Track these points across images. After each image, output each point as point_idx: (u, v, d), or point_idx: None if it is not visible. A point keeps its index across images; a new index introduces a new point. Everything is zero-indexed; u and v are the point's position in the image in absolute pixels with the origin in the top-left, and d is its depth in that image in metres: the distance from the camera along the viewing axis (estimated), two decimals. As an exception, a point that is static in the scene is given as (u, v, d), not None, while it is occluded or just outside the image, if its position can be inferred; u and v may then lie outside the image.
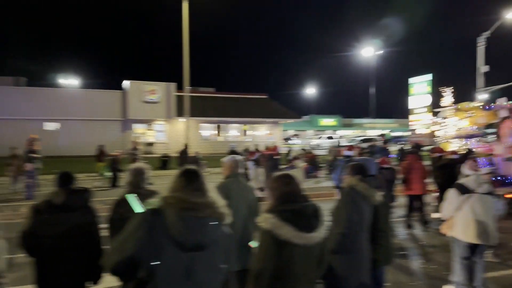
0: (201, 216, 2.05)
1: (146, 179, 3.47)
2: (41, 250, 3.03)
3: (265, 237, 2.38)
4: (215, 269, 2.11)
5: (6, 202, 10.80)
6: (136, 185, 3.36)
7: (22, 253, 3.15)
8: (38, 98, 29.52)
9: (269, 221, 2.36)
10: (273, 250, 2.34)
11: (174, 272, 1.98)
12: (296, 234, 2.33)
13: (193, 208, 2.03)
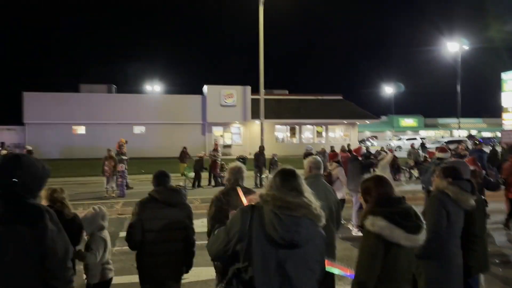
0: (296, 215, 2.09)
1: (244, 177, 3.70)
2: (144, 243, 3.34)
3: (372, 241, 2.34)
4: (308, 268, 2.14)
5: (102, 199, 11.88)
6: (235, 182, 3.59)
7: (127, 245, 3.50)
8: (127, 104, 32.10)
9: (378, 224, 2.31)
10: (380, 254, 2.30)
11: (266, 267, 2.05)
12: (406, 236, 2.29)
13: (288, 207, 2.08)
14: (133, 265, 6.00)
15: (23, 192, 2.16)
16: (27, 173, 2.18)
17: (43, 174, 2.27)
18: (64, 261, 2.20)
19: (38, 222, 2.09)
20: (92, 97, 31.79)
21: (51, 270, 2.15)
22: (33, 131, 30.14)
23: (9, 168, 2.16)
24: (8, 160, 2.22)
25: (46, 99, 30.83)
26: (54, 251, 2.15)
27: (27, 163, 2.20)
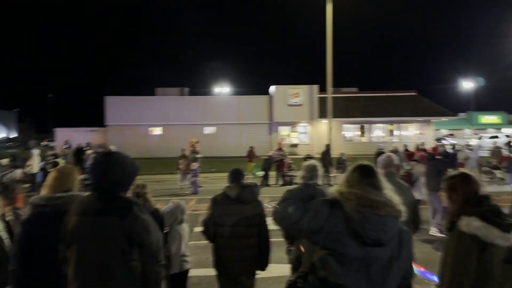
0: (381, 214, 2.06)
1: (319, 175, 3.72)
2: (219, 237, 3.51)
3: (466, 242, 2.23)
4: (392, 267, 2.09)
5: (177, 196, 12.51)
6: (310, 180, 3.63)
7: (202, 239, 3.70)
8: (198, 105, 33.42)
9: (473, 224, 2.21)
10: (475, 257, 2.21)
11: (347, 264, 2.02)
12: (502, 235, 2.18)
13: (374, 206, 2.05)
14: (207, 259, 6.32)
15: (114, 186, 2.34)
16: (117, 169, 2.35)
17: (132, 170, 2.44)
18: (157, 251, 2.33)
19: (128, 214, 2.24)
20: (166, 100, 33.53)
21: (144, 259, 2.29)
22: (114, 132, 32.53)
23: (102, 165, 2.37)
24: (101, 157, 2.43)
25: (125, 103, 33.14)
26: (147, 241, 2.29)
27: (117, 160, 2.38)
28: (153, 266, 2.31)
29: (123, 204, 2.29)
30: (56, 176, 2.80)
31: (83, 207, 2.33)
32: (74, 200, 2.61)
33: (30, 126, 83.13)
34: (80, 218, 2.29)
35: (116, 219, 2.22)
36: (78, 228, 2.29)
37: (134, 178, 2.50)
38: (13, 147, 49.28)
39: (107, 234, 2.23)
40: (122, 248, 2.23)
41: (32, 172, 14.49)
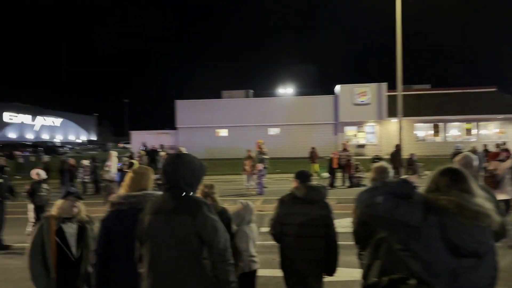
0: (482, 225, 1.91)
1: (389, 177, 3.57)
2: (285, 236, 3.50)
3: None
4: (487, 279, 1.95)
5: (243, 196, 12.71)
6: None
7: (268, 239, 3.71)
8: (262, 107, 33.78)
9: None
10: None
11: (439, 273, 1.90)
12: None
13: (475, 217, 1.90)
14: (274, 260, 6.33)
15: (184, 186, 2.44)
16: (187, 169, 2.45)
17: (200, 170, 2.54)
18: (225, 250, 2.38)
19: (198, 213, 2.32)
20: (232, 102, 34.35)
21: (213, 258, 2.36)
22: (184, 134, 33.99)
23: (173, 165, 2.47)
24: (172, 159, 2.54)
25: (194, 106, 34.51)
26: (216, 240, 2.35)
27: (187, 160, 2.49)
28: (222, 265, 2.35)
29: (193, 203, 2.37)
30: (132, 176, 2.98)
31: (156, 206, 2.44)
32: (148, 198, 2.75)
33: (108, 129, 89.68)
34: (154, 216, 2.40)
35: (187, 217, 2.31)
36: (151, 226, 2.39)
37: (202, 178, 2.59)
38: (93, 149, 53.45)
39: (180, 232, 2.31)
40: (193, 246, 2.31)
41: (111, 172, 15.58)
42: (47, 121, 72.93)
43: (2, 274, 6.18)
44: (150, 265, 2.36)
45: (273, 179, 17.94)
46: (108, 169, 15.57)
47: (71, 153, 41.57)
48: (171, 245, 2.31)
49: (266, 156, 14.30)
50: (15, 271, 6.29)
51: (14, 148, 36.23)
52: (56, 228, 3.38)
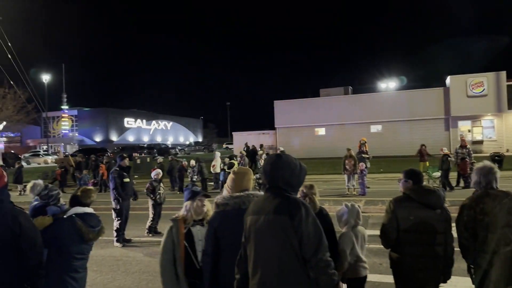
0: None
1: (497, 178, 3.14)
2: (400, 242, 3.21)
3: None
4: None
5: (344, 197, 12.33)
6: (487, 186, 3.07)
7: (379, 243, 3.45)
8: (363, 104, 32.53)
9: None
10: None
11: None
12: None
13: None
14: (381, 264, 5.98)
15: (284, 186, 2.43)
16: (286, 169, 2.45)
17: (300, 171, 2.51)
18: (318, 249, 2.30)
19: (296, 215, 2.30)
20: (330, 100, 33.71)
21: (306, 257, 2.30)
22: (282, 134, 34.38)
23: (273, 166, 2.47)
24: (272, 159, 2.53)
25: (292, 106, 34.70)
26: (309, 240, 2.30)
27: (286, 161, 2.48)
28: (323, 269, 2.29)
29: (292, 204, 2.34)
30: (233, 177, 3.02)
31: (257, 206, 2.46)
32: (250, 199, 2.79)
33: (213, 131, 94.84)
34: (255, 216, 2.43)
35: (286, 218, 2.30)
36: (253, 226, 2.42)
37: (303, 179, 2.56)
38: (199, 150, 57.03)
39: (279, 232, 2.31)
40: (294, 247, 2.29)
41: (216, 171, 16.41)
42: (160, 125, 79.96)
43: (122, 266, 6.82)
44: (255, 264, 2.39)
45: (376, 179, 17.12)
46: (213, 169, 16.44)
47: (181, 154, 44.86)
48: (272, 245, 2.33)
49: (366, 155, 13.70)
50: (134, 263, 6.91)
51: (133, 150, 40.39)
52: (185, 231, 3.19)
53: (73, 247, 3.31)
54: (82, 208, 3.48)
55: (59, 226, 3.30)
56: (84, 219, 3.40)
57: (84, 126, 65.58)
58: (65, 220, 3.37)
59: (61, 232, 3.27)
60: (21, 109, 31.61)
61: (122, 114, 70.26)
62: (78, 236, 3.31)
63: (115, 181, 8.18)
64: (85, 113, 67.25)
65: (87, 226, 3.37)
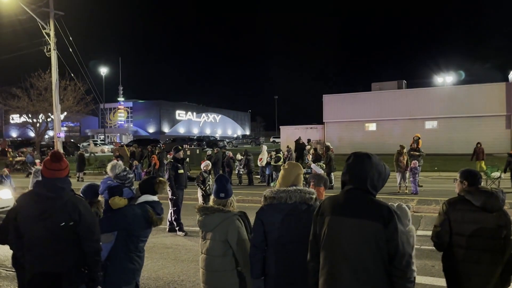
0: None
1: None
2: (454, 248, 3.07)
3: None
4: None
5: (395, 195, 11.92)
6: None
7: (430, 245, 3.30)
8: (417, 99, 31.19)
9: None
10: None
11: None
12: None
13: None
14: (433, 267, 5.76)
15: (370, 188, 2.35)
16: (375, 171, 2.37)
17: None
18: (408, 265, 2.25)
19: (390, 222, 2.22)
20: (382, 95, 32.65)
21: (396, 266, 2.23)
22: (331, 128, 33.83)
23: (362, 166, 2.39)
24: (360, 159, 2.44)
25: (341, 100, 34.00)
26: (400, 253, 2.22)
27: (376, 163, 2.40)
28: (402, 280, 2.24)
29: (386, 211, 2.26)
30: (282, 172, 3.06)
31: (340, 207, 2.37)
32: (298, 194, 2.82)
33: (260, 124, 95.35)
34: (339, 217, 2.34)
35: (381, 225, 2.22)
36: (336, 227, 2.34)
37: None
38: (246, 143, 57.52)
39: (370, 238, 2.23)
40: (382, 254, 2.22)
41: (262, 165, 16.51)
42: (209, 117, 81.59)
43: (172, 254, 7.06)
44: (333, 267, 2.31)
45: (429, 178, 16.43)
46: (260, 163, 16.56)
47: (228, 146, 45.53)
48: (358, 250, 2.24)
49: (418, 153, 13.13)
50: (183, 252, 7.13)
51: (183, 141, 41.48)
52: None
53: (140, 231, 3.54)
54: (151, 196, 3.70)
55: (132, 211, 3.52)
56: (152, 206, 3.61)
57: (139, 117, 68.36)
58: (137, 206, 3.59)
59: (134, 217, 3.48)
60: (80, 100, 33.33)
61: (174, 107, 72.41)
62: (146, 221, 3.53)
63: (169, 173, 8.45)
64: (140, 105, 70.04)
65: (155, 213, 3.59)
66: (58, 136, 23.38)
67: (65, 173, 3.18)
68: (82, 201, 3.24)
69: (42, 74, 30.63)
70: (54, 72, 22.90)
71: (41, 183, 3.13)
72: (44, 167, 3.14)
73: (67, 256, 3.05)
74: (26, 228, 3.07)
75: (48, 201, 3.04)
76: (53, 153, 3.24)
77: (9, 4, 21.07)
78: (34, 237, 3.03)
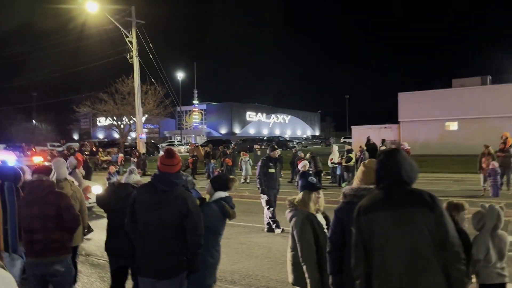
0: None
1: None
2: None
3: None
4: None
5: (476, 198, 11.11)
6: None
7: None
8: (505, 95, 28.64)
9: None
10: None
11: None
12: None
13: None
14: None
15: (408, 180, 2.43)
16: (408, 164, 2.47)
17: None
18: (456, 243, 2.31)
19: (435, 207, 2.30)
20: (464, 91, 30.46)
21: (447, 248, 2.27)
22: (407, 128, 32.25)
23: (395, 160, 2.47)
24: (392, 153, 2.54)
25: (418, 98, 32.29)
26: (451, 236, 2.28)
27: (404, 156, 2.52)
28: (457, 264, 2.27)
29: (429, 197, 2.32)
30: (363, 170, 3.07)
31: (383, 202, 2.40)
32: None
33: (330, 124, 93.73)
34: (385, 212, 2.37)
35: (428, 210, 2.28)
36: (378, 223, 2.36)
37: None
38: (316, 143, 56.93)
39: (421, 225, 2.27)
40: (434, 239, 2.26)
41: (333, 165, 16.29)
42: (278, 118, 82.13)
43: (246, 250, 7.31)
44: (382, 262, 2.31)
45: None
46: (331, 163, 16.36)
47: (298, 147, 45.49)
48: (412, 239, 2.26)
49: (504, 154, 12.08)
50: (256, 248, 7.35)
51: (254, 142, 42.27)
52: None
53: (219, 225, 3.78)
54: (223, 192, 3.91)
55: (210, 208, 3.74)
56: (226, 201, 3.83)
57: (212, 119, 70.96)
58: (214, 203, 3.82)
59: (213, 212, 3.71)
60: (159, 103, 35.51)
61: (245, 108, 74.01)
62: (223, 215, 3.76)
63: (260, 170, 8.54)
64: (213, 107, 72.66)
65: (230, 207, 3.80)
66: (140, 137, 25.14)
67: (177, 169, 3.49)
68: (192, 196, 3.53)
69: (126, 79, 32.90)
70: (136, 77, 24.68)
71: (157, 177, 3.47)
72: (160, 162, 3.48)
73: (173, 243, 3.34)
74: (141, 214, 3.41)
75: (162, 194, 3.36)
76: (167, 150, 3.57)
77: (96, 16, 23.12)
78: (147, 224, 3.37)
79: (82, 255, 6.87)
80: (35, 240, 3.79)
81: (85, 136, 65.33)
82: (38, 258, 3.80)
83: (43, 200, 3.81)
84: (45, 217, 3.78)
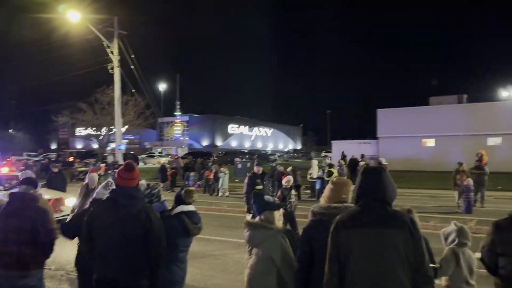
0: None
1: None
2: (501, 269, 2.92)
3: None
4: None
5: (451, 214, 11.32)
6: None
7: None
8: (480, 114, 29.51)
9: None
10: None
11: None
12: None
13: None
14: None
15: (388, 200, 2.44)
16: (390, 183, 2.47)
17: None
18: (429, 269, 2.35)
19: (415, 230, 2.33)
20: (441, 109, 31.24)
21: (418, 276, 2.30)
22: (385, 144, 32.77)
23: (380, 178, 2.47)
24: (377, 172, 2.52)
25: (397, 115, 32.96)
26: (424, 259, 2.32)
27: (388, 175, 2.50)
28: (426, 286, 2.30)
29: (408, 220, 2.35)
30: (331, 187, 2.98)
31: (362, 219, 2.38)
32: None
33: (312, 139, 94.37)
34: (357, 230, 2.36)
35: (408, 233, 2.30)
36: (354, 241, 2.34)
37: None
38: (297, 157, 57.25)
39: (400, 245, 2.27)
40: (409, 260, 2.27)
41: (312, 180, 16.36)
42: (261, 131, 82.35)
43: (221, 265, 7.21)
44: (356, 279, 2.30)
45: (493, 197, 15.39)
46: (310, 177, 16.43)
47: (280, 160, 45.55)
48: (389, 259, 2.26)
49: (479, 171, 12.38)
50: (231, 264, 7.25)
51: (235, 155, 42.16)
52: None
53: (179, 241, 3.66)
54: (186, 206, 3.79)
55: (168, 222, 3.62)
56: (188, 216, 3.72)
57: (194, 131, 70.54)
58: (173, 217, 3.72)
59: (171, 227, 3.58)
60: (140, 114, 35.20)
61: (227, 121, 73.97)
62: (184, 231, 3.65)
63: (248, 188, 8.34)
64: (195, 119, 72.31)
65: (192, 222, 3.69)
66: (119, 148, 24.75)
67: (136, 182, 3.42)
68: (153, 210, 3.45)
69: (106, 89, 32.44)
70: (117, 88, 24.41)
71: (117, 191, 3.37)
72: (118, 176, 3.38)
73: (136, 259, 3.24)
74: (100, 232, 3.27)
75: (123, 209, 3.25)
76: (126, 164, 3.48)
77: (78, 25, 22.87)
78: (108, 241, 3.23)
79: (51, 270, 6.66)
80: (8, 252, 3.68)
81: (63, 146, 64.07)
82: (9, 271, 3.70)
83: (21, 213, 3.72)
84: (21, 230, 3.69)
